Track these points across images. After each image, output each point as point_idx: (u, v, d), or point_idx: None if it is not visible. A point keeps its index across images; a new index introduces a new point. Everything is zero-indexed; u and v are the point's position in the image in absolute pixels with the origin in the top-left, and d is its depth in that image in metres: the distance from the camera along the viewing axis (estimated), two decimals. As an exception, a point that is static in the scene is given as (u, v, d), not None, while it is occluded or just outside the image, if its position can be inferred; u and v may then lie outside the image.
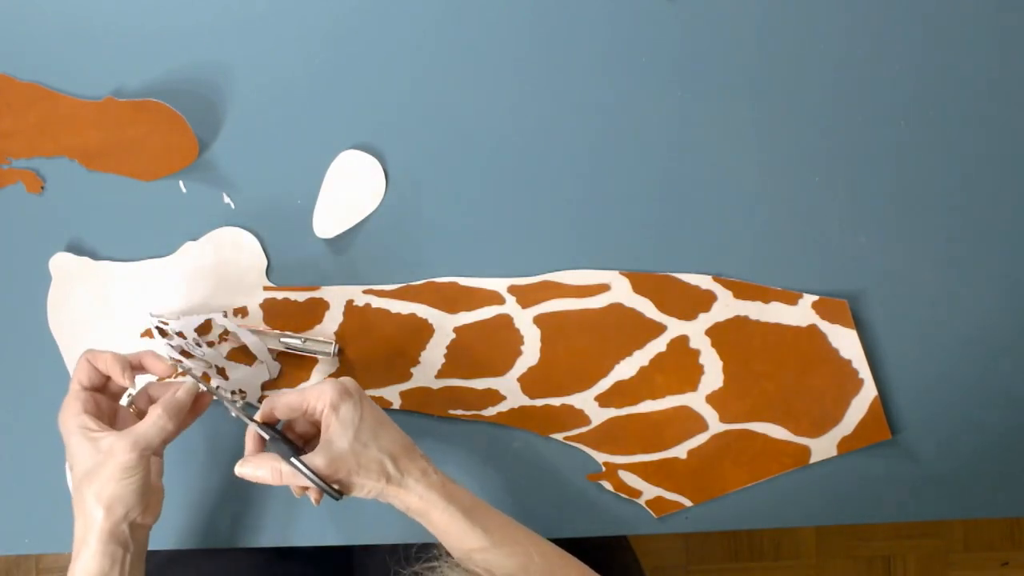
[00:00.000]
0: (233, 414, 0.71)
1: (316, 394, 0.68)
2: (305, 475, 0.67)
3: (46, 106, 0.75)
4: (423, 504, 0.69)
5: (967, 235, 0.81)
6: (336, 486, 0.68)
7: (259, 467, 0.68)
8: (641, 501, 0.81)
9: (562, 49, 0.77)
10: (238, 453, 0.70)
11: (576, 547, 0.74)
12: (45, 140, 0.75)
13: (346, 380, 0.70)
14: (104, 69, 0.75)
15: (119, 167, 0.76)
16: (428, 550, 0.68)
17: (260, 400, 0.78)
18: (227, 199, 0.77)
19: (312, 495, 0.70)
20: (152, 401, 0.70)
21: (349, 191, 0.77)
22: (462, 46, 0.77)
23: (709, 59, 0.78)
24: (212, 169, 0.77)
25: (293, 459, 0.67)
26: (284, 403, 0.69)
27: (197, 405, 0.71)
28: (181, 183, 0.77)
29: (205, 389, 0.71)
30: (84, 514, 0.66)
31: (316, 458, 0.67)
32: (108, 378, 0.70)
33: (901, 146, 0.79)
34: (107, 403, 0.70)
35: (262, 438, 0.70)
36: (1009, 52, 0.79)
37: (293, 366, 0.79)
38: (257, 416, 0.70)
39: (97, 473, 0.65)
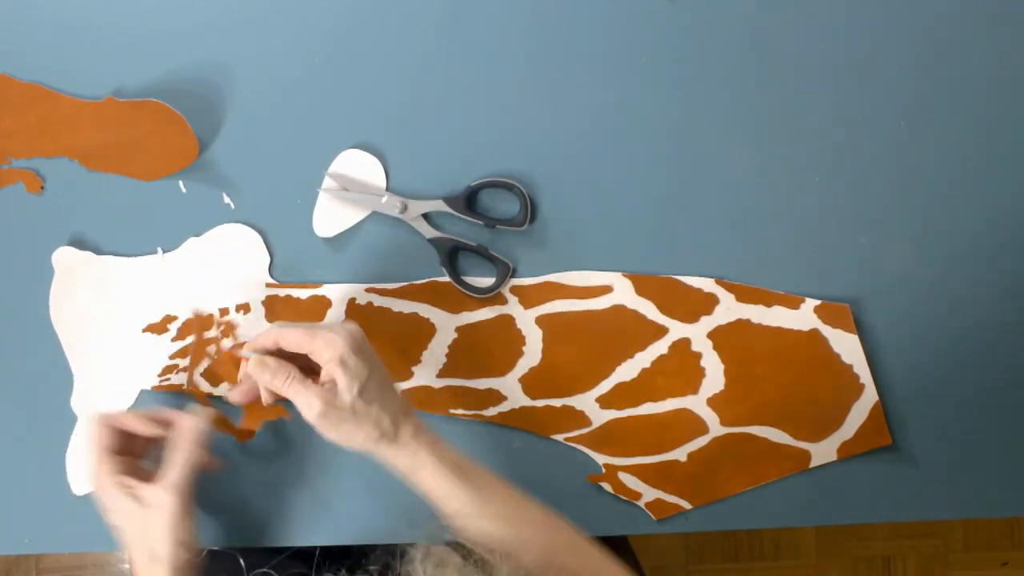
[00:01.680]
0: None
1: (325, 342, 0.66)
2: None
3: (46, 106, 0.75)
4: (412, 462, 0.68)
5: (968, 236, 0.80)
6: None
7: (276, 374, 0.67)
8: (641, 503, 0.81)
9: (562, 49, 0.77)
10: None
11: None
12: (45, 140, 0.75)
13: (355, 332, 0.67)
14: (104, 69, 0.75)
15: (119, 167, 0.76)
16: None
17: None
18: (227, 199, 0.77)
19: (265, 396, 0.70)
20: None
21: (349, 190, 0.77)
22: (462, 46, 0.77)
23: (709, 59, 0.78)
24: (212, 169, 0.77)
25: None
26: (292, 341, 0.67)
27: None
28: (181, 183, 0.77)
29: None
30: (147, 572, 0.68)
31: (314, 401, 0.66)
32: (131, 438, 0.71)
33: (901, 146, 0.79)
34: (132, 463, 0.71)
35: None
36: (1009, 52, 0.79)
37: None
38: (259, 345, 0.69)
39: (149, 528, 0.67)
